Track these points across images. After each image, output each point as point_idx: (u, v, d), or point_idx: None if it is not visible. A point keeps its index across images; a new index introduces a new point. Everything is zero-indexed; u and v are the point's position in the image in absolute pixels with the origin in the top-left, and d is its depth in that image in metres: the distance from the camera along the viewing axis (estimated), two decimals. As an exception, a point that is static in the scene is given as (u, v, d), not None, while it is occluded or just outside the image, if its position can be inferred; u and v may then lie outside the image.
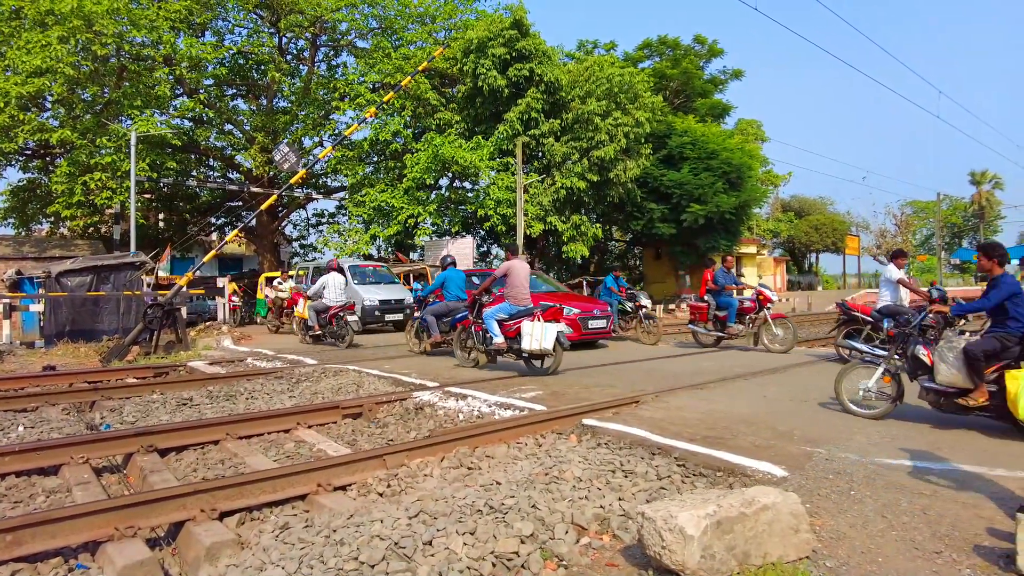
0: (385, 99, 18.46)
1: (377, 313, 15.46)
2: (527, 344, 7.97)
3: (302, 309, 13.02)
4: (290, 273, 19.09)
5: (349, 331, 11.95)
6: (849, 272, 55.48)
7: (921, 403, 5.59)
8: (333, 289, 12.37)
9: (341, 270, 13.59)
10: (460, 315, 9.37)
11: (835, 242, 48.56)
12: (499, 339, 8.32)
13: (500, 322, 8.39)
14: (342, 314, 12.00)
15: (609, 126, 21.99)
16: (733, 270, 12.01)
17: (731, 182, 25.92)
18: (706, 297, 11.42)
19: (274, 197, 15.18)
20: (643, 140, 23.98)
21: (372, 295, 15.61)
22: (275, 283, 16.35)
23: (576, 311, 11.28)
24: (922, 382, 5.46)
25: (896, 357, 5.73)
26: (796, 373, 8.49)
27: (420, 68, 18.59)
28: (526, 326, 8.04)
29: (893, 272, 8.74)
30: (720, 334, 11.27)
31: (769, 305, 10.96)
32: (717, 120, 33.22)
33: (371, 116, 17.19)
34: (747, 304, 11.11)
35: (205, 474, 4.97)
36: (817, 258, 56.03)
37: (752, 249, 38.36)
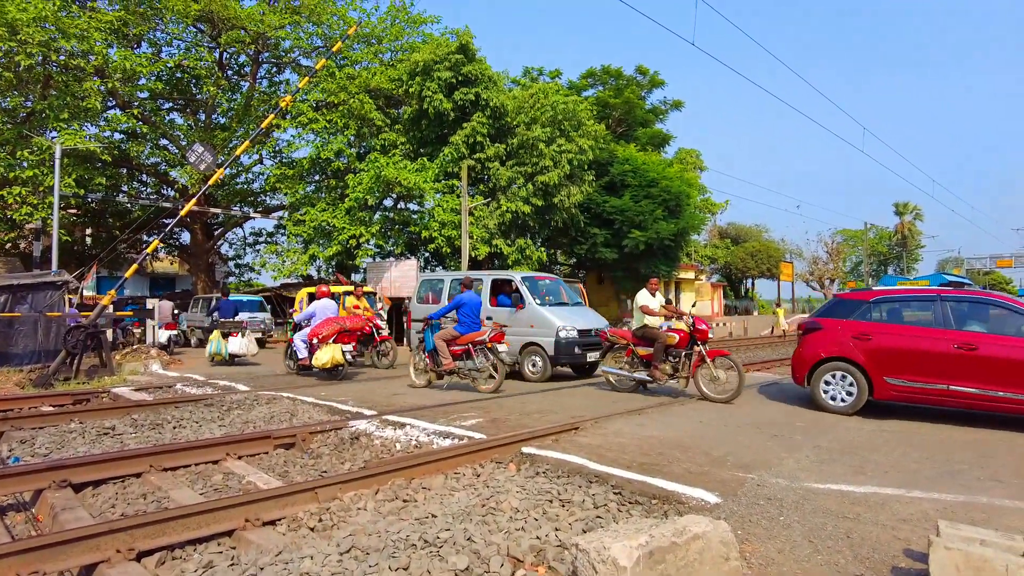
0: (307, 78, 18.43)
1: (578, 350, 10.74)
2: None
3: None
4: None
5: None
6: (784, 297, 57.72)
7: (840, 426, 5.82)
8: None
9: (508, 282, 11.53)
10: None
11: (770, 268, 50.44)
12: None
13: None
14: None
15: (553, 152, 22.31)
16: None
17: (670, 209, 26.68)
18: None
19: (193, 201, 14.51)
20: (586, 167, 24.43)
21: (566, 320, 10.93)
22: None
23: None
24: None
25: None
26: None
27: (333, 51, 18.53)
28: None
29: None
30: None
31: None
32: (658, 149, 34.17)
33: (287, 103, 17.18)
34: None
35: (124, 510, 4.70)
36: (753, 284, 58.09)
37: (691, 275, 39.44)
